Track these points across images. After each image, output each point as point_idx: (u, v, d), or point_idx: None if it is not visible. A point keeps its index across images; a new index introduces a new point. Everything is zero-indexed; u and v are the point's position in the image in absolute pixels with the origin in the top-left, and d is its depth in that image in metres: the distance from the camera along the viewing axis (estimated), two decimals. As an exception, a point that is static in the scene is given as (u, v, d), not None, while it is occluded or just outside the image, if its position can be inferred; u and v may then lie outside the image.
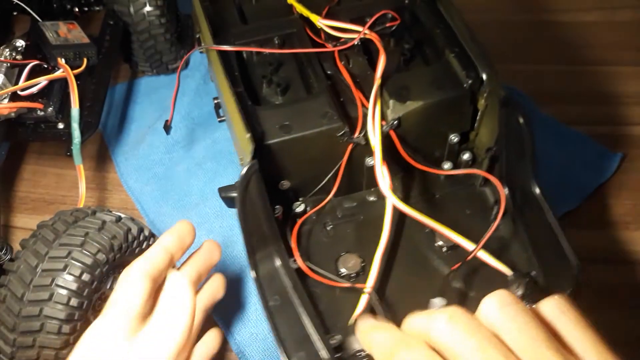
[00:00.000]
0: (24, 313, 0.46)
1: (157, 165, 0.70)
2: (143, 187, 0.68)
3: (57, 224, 0.50)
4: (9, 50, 0.63)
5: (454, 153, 0.58)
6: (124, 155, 0.71)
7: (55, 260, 0.47)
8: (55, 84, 0.62)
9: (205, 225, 0.64)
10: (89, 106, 0.64)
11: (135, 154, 0.71)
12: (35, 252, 0.48)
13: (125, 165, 0.70)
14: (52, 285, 0.46)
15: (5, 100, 0.59)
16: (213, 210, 0.65)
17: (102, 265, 0.48)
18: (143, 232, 0.53)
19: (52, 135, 0.62)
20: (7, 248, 0.57)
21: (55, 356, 0.46)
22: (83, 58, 0.63)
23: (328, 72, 0.57)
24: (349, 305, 0.48)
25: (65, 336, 0.46)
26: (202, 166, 0.69)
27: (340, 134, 0.52)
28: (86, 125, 0.62)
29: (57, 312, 0.46)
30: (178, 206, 0.66)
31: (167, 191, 0.67)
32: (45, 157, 0.71)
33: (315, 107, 0.53)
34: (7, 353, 0.46)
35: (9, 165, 0.68)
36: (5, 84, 0.59)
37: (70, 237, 0.49)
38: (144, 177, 0.69)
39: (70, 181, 0.69)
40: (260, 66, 0.60)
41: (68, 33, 0.64)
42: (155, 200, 0.67)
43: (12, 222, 0.67)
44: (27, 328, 0.46)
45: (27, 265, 0.47)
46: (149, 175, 0.69)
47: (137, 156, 0.70)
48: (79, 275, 0.47)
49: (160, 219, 0.65)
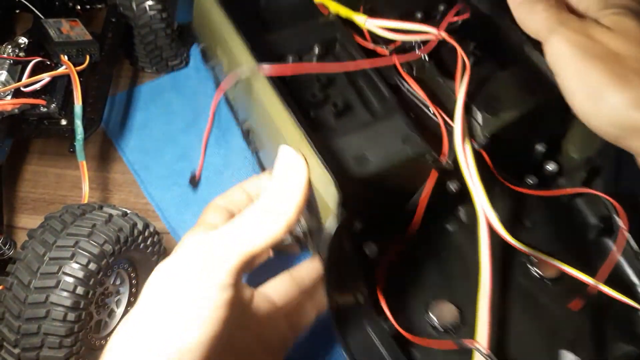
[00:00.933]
0: (30, 300, 0.46)
1: (178, 175, 0.69)
2: (164, 195, 0.68)
3: (65, 215, 0.51)
4: (11, 47, 0.63)
5: (538, 164, 0.50)
6: (142, 164, 0.70)
7: (63, 249, 0.47)
8: (58, 81, 0.62)
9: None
10: (91, 103, 0.64)
11: (157, 163, 0.70)
12: (43, 241, 0.48)
13: (146, 174, 0.69)
14: (59, 272, 0.46)
15: (8, 96, 0.59)
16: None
17: (108, 255, 0.48)
18: (149, 228, 0.54)
19: (55, 132, 0.62)
20: (10, 243, 0.57)
21: (60, 344, 0.46)
22: (86, 55, 0.63)
23: (388, 83, 0.47)
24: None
25: (70, 324, 0.46)
26: (222, 175, 0.69)
27: (426, 160, 0.43)
28: (89, 121, 0.62)
29: (63, 300, 0.46)
30: (199, 213, 0.65)
31: (188, 199, 0.67)
32: (46, 158, 0.71)
33: (392, 130, 0.43)
34: (11, 340, 0.46)
35: (10, 165, 0.68)
36: (8, 80, 0.59)
37: (78, 228, 0.49)
38: (165, 184, 0.68)
39: (70, 181, 0.69)
40: (304, 82, 0.48)
41: (70, 30, 0.64)
42: (177, 208, 0.67)
43: (13, 222, 0.66)
44: (33, 315, 0.45)
45: (34, 253, 0.47)
46: (170, 183, 0.68)
47: (158, 165, 0.70)
48: (85, 264, 0.47)
49: (182, 226, 0.65)
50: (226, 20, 0.48)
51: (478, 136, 0.45)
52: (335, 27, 0.52)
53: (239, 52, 0.45)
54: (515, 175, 0.48)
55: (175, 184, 0.68)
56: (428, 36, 0.47)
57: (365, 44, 0.51)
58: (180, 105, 0.74)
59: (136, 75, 0.78)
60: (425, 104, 0.47)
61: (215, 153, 0.69)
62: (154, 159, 0.71)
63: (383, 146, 0.42)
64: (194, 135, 0.72)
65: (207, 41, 0.54)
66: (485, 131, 0.44)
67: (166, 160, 0.70)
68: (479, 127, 0.45)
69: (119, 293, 0.55)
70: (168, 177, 0.69)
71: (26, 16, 0.72)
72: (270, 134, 0.44)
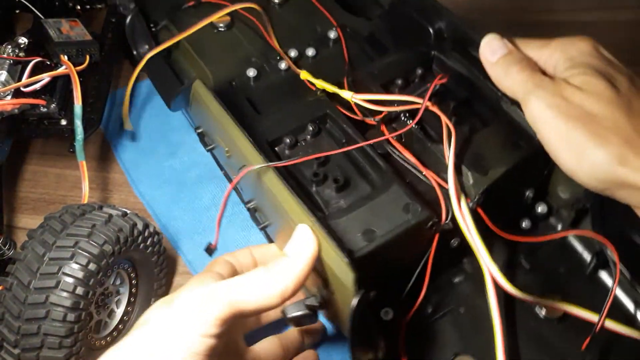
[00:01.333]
0: (30, 300, 0.46)
1: (168, 171, 0.69)
2: (154, 192, 0.68)
3: (65, 216, 0.51)
4: (11, 47, 0.62)
5: (529, 208, 0.53)
6: (133, 162, 0.71)
7: (63, 249, 0.47)
8: (58, 81, 0.62)
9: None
10: (91, 103, 0.64)
11: (145, 161, 0.70)
12: (43, 242, 0.48)
13: (136, 172, 0.70)
14: (58, 273, 0.46)
15: (8, 96, 0.59)
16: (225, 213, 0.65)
17: (108, 256, 0.48)
18: (148, 228, 0.54)
19: (55, 132, 0.62)
20: (10, 243, 0.57)
21: (60, 344, 0.46)
22: (85, 55, 0.63)
23: (379, 152, 0.50)
24: None
25: (70, 324, 0.46)
26: (215, 172, 0.68)
27: (429, 226, 0.45)
28: (89, 122, 0.62)
29: (63, 300, 0.46)
30: (188, 209, 0.66)
31: (178, 195, 0.67)
32: (46, 158, 0.71)
33: (393, 200, 0.46)
34: (11, 341, 0.46)
35: (10, 165, 0.68)
36: (8, 80, 0.59)
37: (78, 228, 0.49)
38: (155, 182, 0.68)
39: (70, 181, 0.69)
40: (304, 162, 0.51)
41: (70, 30, 0.64)
42: (166, 205, 0.67)
43: (13, 222, 0.66)
44: (33, 315, 0.45)
45: (34, 253, 0.47)
46: (160, 181, 0.68)
47: (147, 163, 0.70)
48: (85, 265, 0.47)
49: (172, 223, 0.65)
50: (228, 117, 0.51)
51: (471, 195, 0.47)
52: (324, 103, 0.54)
53: (246, 150, 0.49)
54: (510, 221, 0.51)
55: (166, 182, 0.68)
56: (415, 106, 0.50)
57: (353, 116, 0.53)
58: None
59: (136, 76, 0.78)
60: (418, 169, 0.49)
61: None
62: (145, 157, 0.71)
63: (386, 218, 0.45)
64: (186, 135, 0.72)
65: (205, 127, 0.57)
66: (477, 189, 0.47)
67: (158, 158, 0.71)
68: (471, 187, 0.47)
69: (119, 293, 0.55)
70: (159, 175, 0.69)
71: (26, 16, 0.72)
72: (280, 217, 0.47)
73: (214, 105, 0.53)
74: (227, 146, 0.52)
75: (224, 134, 0.51)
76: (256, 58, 0.61)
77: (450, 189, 0.45)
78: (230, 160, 0.54)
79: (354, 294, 0.39)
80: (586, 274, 0.52)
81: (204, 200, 0.67)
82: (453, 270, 0.52)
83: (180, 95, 0.58)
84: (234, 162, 0.52)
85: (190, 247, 0.63)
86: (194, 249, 0.63)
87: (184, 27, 0.63)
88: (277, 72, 0.60)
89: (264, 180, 0.47)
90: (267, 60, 0.61)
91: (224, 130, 0.51)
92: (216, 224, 0.58)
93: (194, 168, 0.69)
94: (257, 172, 0.47)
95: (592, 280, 0.52)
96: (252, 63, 0.61)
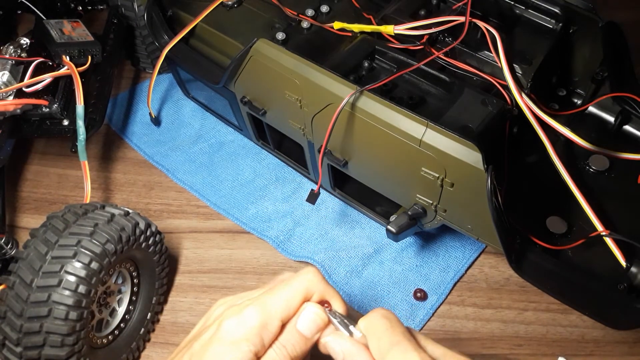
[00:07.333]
0: (33, 299, 0.46)
1: (201, 156, 0.72)
2: (194, 177, 0.70)
3: (67, 215, 0.51)
4: (13, 47, 0.63)
5: (551, 93, 0.63)
6: (162, 155, 0.72)
7: (65, 247, 0.47)
8: (60, 81, 0.63)
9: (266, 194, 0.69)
10: (93, 103, 0.64)
11: (175, 151, 0.72)
12: (45, 241, 0.48)
13: (169, 162, 0.71)
14: (61, 272, 0.46)
15: (10, 97, 0.59)
16: (269, 180, 0.70)
17: (110, 254, 0.49)
18: (150, 227, 0.54)
19: (57, 132, 0.62)
20: (12, 242, 0.58)
21: (62, 342, 0.46)
22: (87, 56, 0.63)
23: (436, 68, 0.57)
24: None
25: (72, 322, 0.46)
26: (246, 146, 0.72)
27: (505, 112, 0.53)
28: (91, 122, 0.63)
29: (65, 298, 0.46)
30: (235, 185, 0.69)
31: (219, 175, 0.70)
32: (48, 157, 0.71)
33: (470, 100, 0.53)
34: (14, 339, 0.46)
35: (12, 165, 0.68)
36: (10, 81, 0.60)
37: (80, 227, 0.49)
38: (191, 168, 0.71)
39: (72, 181, 0.69)
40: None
41: (72, 31, 0.64)
42: (212, 185, 0.69)
43: (15, 221, 0.66)
44: (35, 314, 0.46)
45: (37, 252, 0.47)
46: (196, 166, 0.71)
47: (178, 152, 0.72)
48: (87, 263, 0.47)
49: (222, 200, 0.68)
50: (305, 61, 0.54)
51: (524, 83, 0.57)
52: (368, 42, 0.60)
53: (332, 85, 0.52)
54: (546, 103, 0.61)
55: (201, 166, 0.71)
56: (453, 24, 0.58)
57: (400, 45, 0.60)
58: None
59: (137, 76, 0.79)
60: (473, 74, 0.58)
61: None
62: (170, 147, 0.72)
63: (473, 113, 0.53)
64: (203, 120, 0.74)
65: (258, 91, 0.60)
66: (527, 78, 0.57)
67: (183, 146, 0.72)
68: (522, 77, 0.57)
69: (121, 292, 0.55)
70: (191, 161, 0.71)
71: (28, 17, 0.72)
72: (378, 144, 0.53)
73: (285, 57, 0.55)
74: (302, 94, 0.55)
75: (301, 80, 0.54)
76: (278, 23, 0.64)
77: (510, 83, 0.54)
78: (304, 109, 0.56)
79: (485, 171, 0.47)
80: (612, 131, 0.60)
81: (246, 174, 0.70)
82: (523, 151, 0.60)
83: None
84: (310, 109, 0.55)
85: (248, 217, 0.67)
86: (251, 218, 0.67)
87: (192, 13, 0.65)
88: (302, 32, 0.63)
89: (359, 106, 0.51)
90: (289, 23, 0.64)
91: (300, 77, 0.54)
92: (318, 167, 0.57)
93: (224, 147, 0.72)
94: (350, 102, 0.51)
95: (620, 136, 0.60)
96: (277, 28, 0.64)
